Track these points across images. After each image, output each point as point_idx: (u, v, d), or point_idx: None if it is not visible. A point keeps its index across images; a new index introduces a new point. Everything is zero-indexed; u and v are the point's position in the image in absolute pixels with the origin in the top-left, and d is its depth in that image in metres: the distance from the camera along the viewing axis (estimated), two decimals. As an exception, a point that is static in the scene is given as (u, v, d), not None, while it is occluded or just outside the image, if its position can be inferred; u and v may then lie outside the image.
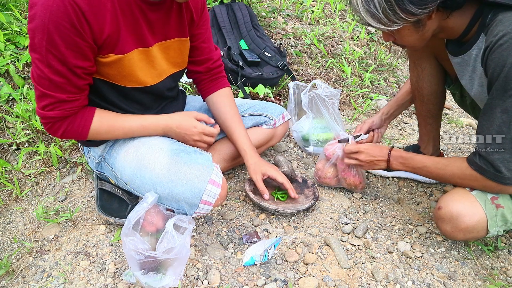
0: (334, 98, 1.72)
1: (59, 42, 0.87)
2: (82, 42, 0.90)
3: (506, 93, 0.91)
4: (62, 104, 0.97)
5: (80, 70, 0.94)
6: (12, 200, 1.36)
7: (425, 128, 1.51)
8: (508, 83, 0.90)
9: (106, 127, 1.06)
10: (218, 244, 1.20)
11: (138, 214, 0.98)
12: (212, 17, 2.21)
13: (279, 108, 1.53)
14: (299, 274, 1.11)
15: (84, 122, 1.03)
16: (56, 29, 0.85)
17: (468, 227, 1.07)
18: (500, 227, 1.08)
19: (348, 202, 1.45)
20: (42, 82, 0.93)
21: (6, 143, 1.51)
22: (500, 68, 0.90)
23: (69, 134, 1.02)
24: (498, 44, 0.89)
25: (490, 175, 1.01)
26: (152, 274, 0.98)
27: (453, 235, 1.12)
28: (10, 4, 1.93)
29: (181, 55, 1.19)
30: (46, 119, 0.98)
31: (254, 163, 1.30)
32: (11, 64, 1.66)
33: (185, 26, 1.15)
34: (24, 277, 1.07)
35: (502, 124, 0.94)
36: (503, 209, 1.07)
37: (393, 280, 1.12)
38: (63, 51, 0.89)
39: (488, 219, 1.06)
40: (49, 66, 0.90)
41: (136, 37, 1.02)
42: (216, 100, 1.35)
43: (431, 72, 1.35)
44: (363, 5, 0.94)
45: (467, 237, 1.11)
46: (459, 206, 1.08)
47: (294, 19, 2.97)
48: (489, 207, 1.06)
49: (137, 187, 1.11)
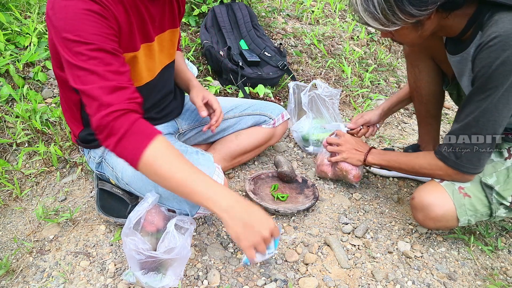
0: (334, 98, 1.72)
1: (88, 29, 0.81)
2: (111, 29, 0.86)
3: (485, 92, 0.96)
4: (117, 93, 0.83)
5: (116, 51, 0.86)
6: (12, 200, 1.36)
7: (425, 128, 1.51)
8: (489, 84, 0.95)
9: (168, 156, 0.87)
10: (218, 244, 1.20)
11: (138, 214, 0.98)
12: (212, 17, 2.21)
13: (278, 108, 1.53)
14: (299, 274, 1.11)
15: (150, 130, 0.86)
16: (85, 17, 0.81)
17: (438, 215, 1.14)
18: (470, 217, 1.13)
19: (348, 202, 1.45)
20: (86, 79, 0.82)
21: (6, 143, 1.51)
22: (486, 68, 0.93)
23: (128, 140, 0.84)
24: (488, 45, 0.92)
25: (451, 163, 1.09)
26: (152, 274, 0.99)
27: (425, 223, 1.19)
28: (10, 4, 1.93)
29: (173, 46, 1.20)
30: (106, 117, 0.82)
31: (197, 86, 1.33)
32: (11, 64, 1.66)
33: (176, 16, 1.15)
34: (24, 277, 1.07)
35: (472, 120, 1.01)
36: (470, 199, 1.12)
37: (393, 280, 1.12)
38: (94, 38, 0.82)
39: (457, 208, 1.12)
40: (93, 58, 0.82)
41: (142, 33, 1.01)
42: None
43: (428, 73, 1.36)
44: (362, 5, 0.94)
45: (438, 225, 1.18)
46: (429, 196, 1.15)
47: (294, 19, 2.97)
48: (456, 197, 1.12)
49: (138, 188, 1.10)
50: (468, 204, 1.12)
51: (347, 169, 1.42)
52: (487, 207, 1.12)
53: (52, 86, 1.75)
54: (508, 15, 0.91)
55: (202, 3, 2.35)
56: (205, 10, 2.27)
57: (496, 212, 1.12)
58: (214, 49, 2.00)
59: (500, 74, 0.92)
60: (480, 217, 1.14)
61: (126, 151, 0.85)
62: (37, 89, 1.72)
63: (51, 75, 1.78)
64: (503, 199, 1.09)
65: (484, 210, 1.12)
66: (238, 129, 1.47)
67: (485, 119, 0.99)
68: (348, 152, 1.39)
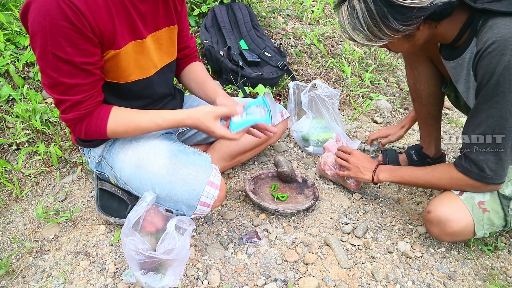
0: (334, 98, 1.72)
1: (63, 43, 0.87)
2: (84, 38, 0.90)
3: (492, 99, 0.94)
4: (78, 105, 0.97)
5: (89, 66, 0.94)
6: (12, 200, 1.36)
7: (426, 129, 1.51)
8: (495, 90, 0.93)
9: (123, 127, 1.05)
10: (218, 244, 1.20)
11: (137, 214, 0.98)
12: (212, 17, 2.21)
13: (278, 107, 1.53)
14: (299, 274, 1.11)
15: (100, 122, 1.02)
16: (57, 30, 0.85)
17: (455, 231, 1.11)
18: (487, 230, 1.11)
19: (348, 202, 1.45)
20: (56, 89, 0.94)
21: (6, 143, 1.51)
22: (489, 75, 0.92)
23: (90, 134, 1.03)
24: (487, 52, 0.91)
25: (474, 175, 1.05)
26: (152, 274, 0.99)
27: (441, 238, 1.16)
28: (10, 4, 1.93)
29: (172, 44, 1.19)
30: (68, 122, 1.00)
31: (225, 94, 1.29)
32: (11, 64, 1.66)
33: (172, 13, 1.15)
34: (24, 277, 1.07)
35: (487, 128, 0.98)
36: (489, 213, 1.09)
37: (393, 280, 1.12)
38: (68, 51, 0.89)
39: (475, 224, 1.09)
40: (58, 70, 0.91)
41: (131, 30, 1.02)
42: (188, 70, 1.35)
43: (427, 74, 1.36)
44: (350, 23, 0.96)
45: (454, 240, 1.17)
46: (447, 210, 1.11)
47: (294, 19, 2.97)
48: (476, 212, 1.09)
49: (136, 187, 1.11)
50: (486, 219, 1.10)
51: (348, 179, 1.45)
52: (502, 219, 1.11)
53: (52, 86, 1.75)
54: (502, 20, 0.91)
55: (202, 3, 2.35)
56: (205, 10, 2.27)
57: (511, 223, 1.10)
58: (214, 49, 2.00)
59: (505, 79, 0.91)
60: (495, 229, 1.13)
61: (94, 138, 1.07)
62: (37, 89, 1.72)
63: (51, 75, 1.78)
64: None
65: (500, 222, 1.11)
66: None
67: (501, 126, 0.96)
68: (355, 171, 1.36)
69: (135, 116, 1.06)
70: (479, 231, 1.11)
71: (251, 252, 1.18)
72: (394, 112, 2.29)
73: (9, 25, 1.77)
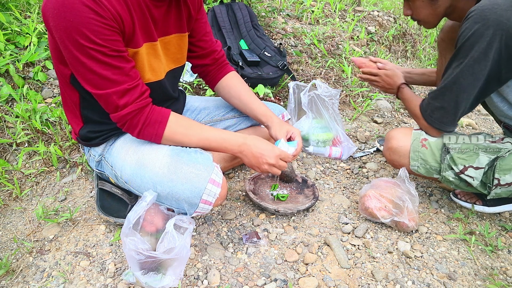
0: (334, 98, 1.72)
1: (92, 36, 0.87)
2: (111, 29, 0.90)
3: (459, 60, 1.10)
4: (129, 94, 0.97)
5: (123, 53, 0.95)
6: (12, 200, 1.36)
7: None
8: (461, 52, 1.08)
9: (182, 129, 1.07)
10: (218, 244, 1.20)
11: (137, 214, 0.98)
12: (212, 17, 2.21)
13: (278, 108, 1.53)
14: (299, 274, 1.11)
15: (161, 118, 1.04)
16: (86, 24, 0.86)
17: (393, 147, 1.35)
18: (420, 165, 1.30)
19: (348, 202, 1.45)
20: (99, 83, 0.94)
21: (6, 143, 1.51)
22: (461, 38, 1.07)
23: (146, 130, 1.03)
24: (466, 18, 1.06)
25: (425, 114, 1.26)
26: (152, 274, 0.98)
27: (384, 153, 1.41)
28: (10, 4, 1.93)
29: (180, 51, 1.20)
30: (124, 117, 1.00)
31: (280, 122, 1.32)
32: (11, 64, 1.66)
33: (184, 21, 1.16)
34: (24, 277, 1.07)
35: (447, 82, 1.15)
36: (426, 150, 1.28)
37: (393, 280, 1.12)
38: (100, 42, 0.89)
39: (411, 152, 1.30)
40: (96, 60, 0.90)
41: (145, 32, 1.03)
42: (227, 83, 1.38)
43: None
44: None
45: (392, 157, 1.37)
46: (395, 132, 1.37)
47: (294, 19, 2.97)
48: (416, 143, 1.30)
49: (137, 186, 1.11)
50: (422, 154, 1.29)
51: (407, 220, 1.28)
52: (437, 164, 1.27)
53: (52, 86, 1.75)
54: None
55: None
56: (205, 10, 2.28)
57: (444, 171, 1.25)
58: (214, 49, 2.00)
59: (470, 44, 1.05)
60: (429, 170, 1.30)
61: (147, 137, 1.06)
62: (37, 89, 1.72)
63: (51, 75, 1.78)
64: (454, 165, 1.23)
65: (434, 164, 1.28)
66: (239, 129, 1.47)
67: (457, 85, 1.13)
68: (383, 79, 1.50)
69: (195, 123, 1.11)
70: (412, 161, 1.30)
71: (251, 252, 1.18)
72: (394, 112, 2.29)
73: (9, 25, 1.77)
